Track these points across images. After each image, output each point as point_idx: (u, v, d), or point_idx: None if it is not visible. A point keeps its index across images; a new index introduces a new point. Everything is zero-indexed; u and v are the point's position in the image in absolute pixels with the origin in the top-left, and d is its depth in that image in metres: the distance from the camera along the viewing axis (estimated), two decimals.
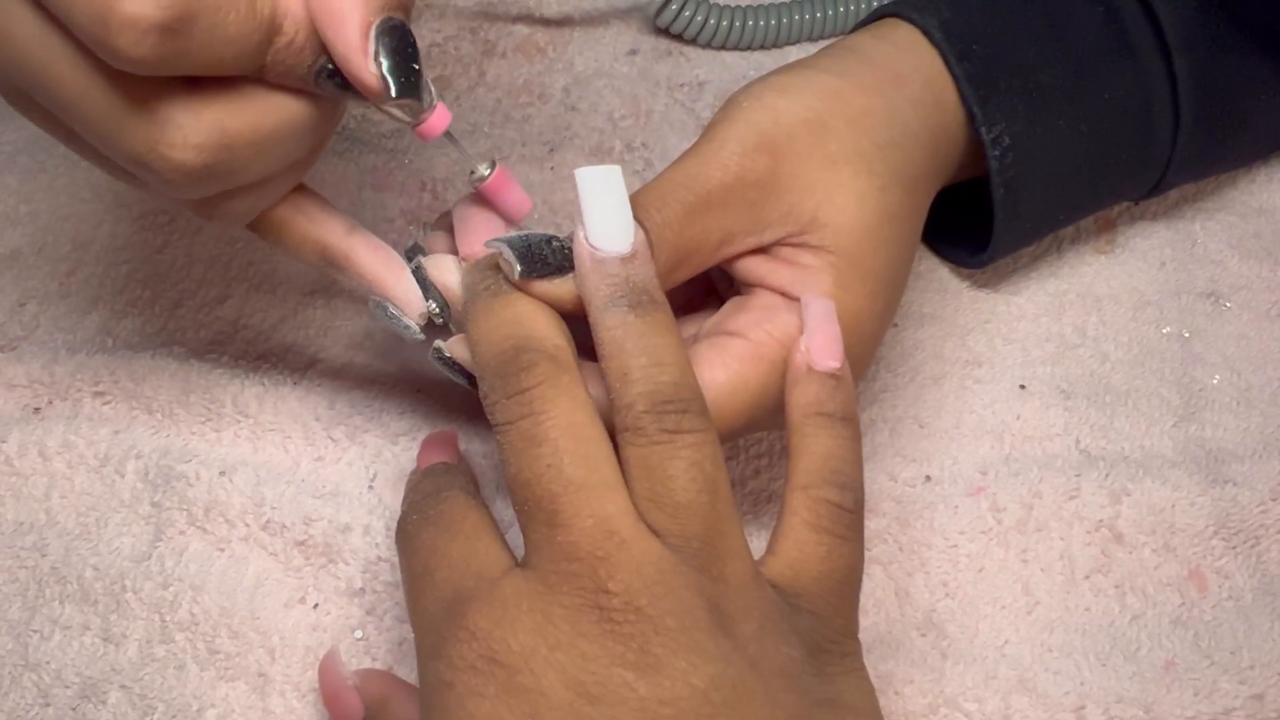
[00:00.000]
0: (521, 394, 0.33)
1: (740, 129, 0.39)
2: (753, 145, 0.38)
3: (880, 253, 0.39)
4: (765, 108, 0.40)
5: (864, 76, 0.41)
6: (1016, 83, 0.43)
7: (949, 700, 0.41)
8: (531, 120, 0.55)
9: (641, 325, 0.34)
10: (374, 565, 0.43)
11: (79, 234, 0.52)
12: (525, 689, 0.30)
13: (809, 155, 0.39)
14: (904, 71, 0.42)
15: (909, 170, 0.41)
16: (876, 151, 0.40)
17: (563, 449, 0.33)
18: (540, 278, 0.36)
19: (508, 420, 0.34)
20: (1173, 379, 0.48)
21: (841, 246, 0.39)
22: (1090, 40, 0.45)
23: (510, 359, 0.34)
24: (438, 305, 0.39)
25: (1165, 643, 0.42)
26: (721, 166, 0.38)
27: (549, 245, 0.36)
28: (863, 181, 0.39)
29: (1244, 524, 0.44)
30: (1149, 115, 0.45)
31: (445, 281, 0.39)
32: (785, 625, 0.32)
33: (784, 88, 0.41)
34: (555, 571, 0.31)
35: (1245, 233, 0.52)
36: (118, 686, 0.41)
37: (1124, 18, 0.45)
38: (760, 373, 0.37)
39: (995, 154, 0.43)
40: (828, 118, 0.40)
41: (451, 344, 0.38)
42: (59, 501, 0.44)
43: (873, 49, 0.43)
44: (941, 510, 0.45)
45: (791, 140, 0.39)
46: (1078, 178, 0.46)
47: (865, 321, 0.39)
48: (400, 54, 0.33)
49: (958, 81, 0.43)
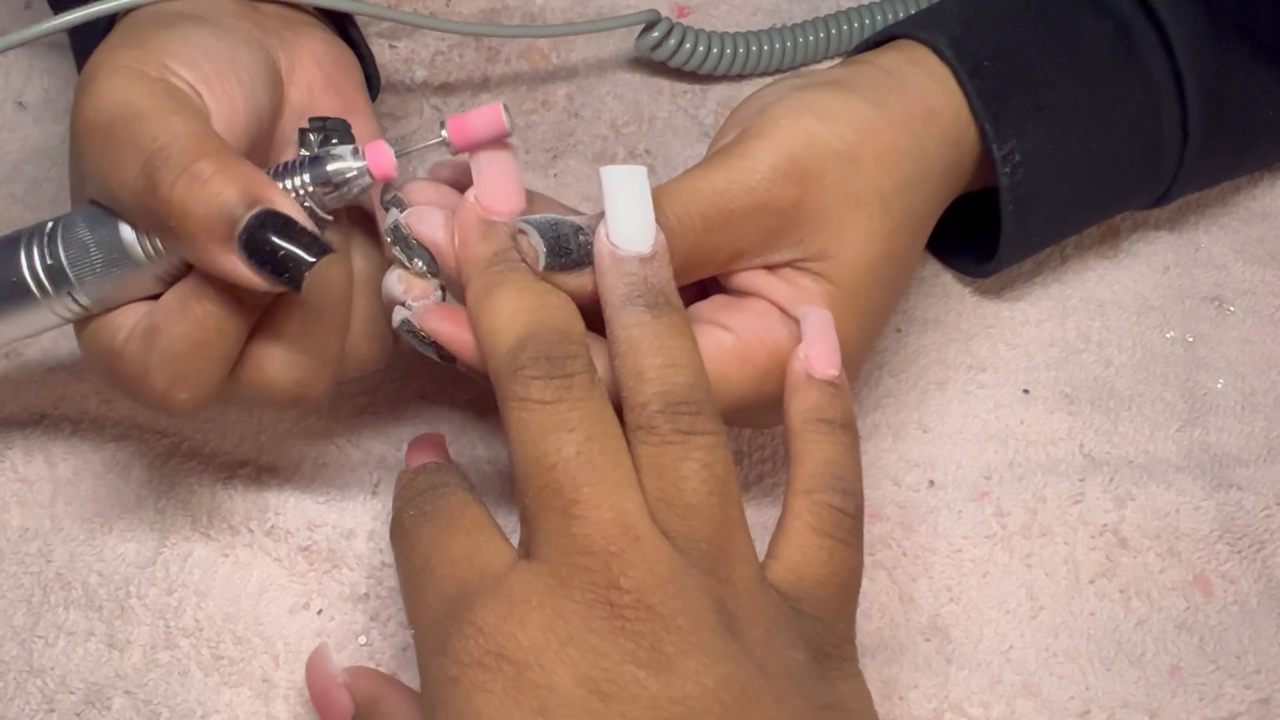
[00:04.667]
0: (566, 378, 0.33)
1: (774, 153, 0.38)
2: (783, 173, 0.38)
3: (875, 290, 0.40)
4: (803, 131, 0.39)
5: (897, 109, 0.41)
6: (1028, 100, 0.43)
7: (954, 705, 0.41)
8: (535, 127, 0.55)
9: (658, 326, 0.34)
10: (378, 571, 0.43)
11: None
12: (534, 685, 0.30)
13: (835, 190, 0.39)
14: (935, 106, 0.42)
15: (921, 212, 0.41)
16: (897, 193, 0.40)
17: (594, 438, 0.32)
18: (563, 270, 0.36)
19: (543, 399, 0.33)
20: (1177, 384, 0.48)
21: (841, 279, 0.39)
22: (1100, 56, 0.45)
23: (560, 342, 0.34)
24: (423, 262, 0.37)
25: (1170, 647, 0.42)
26: (749, 190, 0.38)
27: (576, 238, 0.36)
28: (876, 223, 0.39)
29: (1249, 528, 0.44)
30: (1158, 130, 0.45)
31: (434, 238, 0.37)
32: (790, 629, 0.32)
33: (823, 113, 0.40)
34: (566, 565, 0.31)
35: (1249, 237, 0.52)
36: (122, 692, 0.41)
37: (1133, 33, 0.45)
38: (742, 375, 0.38)
39: (1006, 171, 0.43)
40: (859, 152, 0.39)
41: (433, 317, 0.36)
42: (64, 508, 0.44)
43: (909, 76, 0.43)
44: (945, 515, 0.45)
45: (822, 172, 0.39)
46: (1086, 191, 0.46)
47: (850, 351, 0.39)
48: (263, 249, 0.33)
49: (969, 99, 0.43)
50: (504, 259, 0.36)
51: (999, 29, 0.44)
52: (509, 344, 0.34)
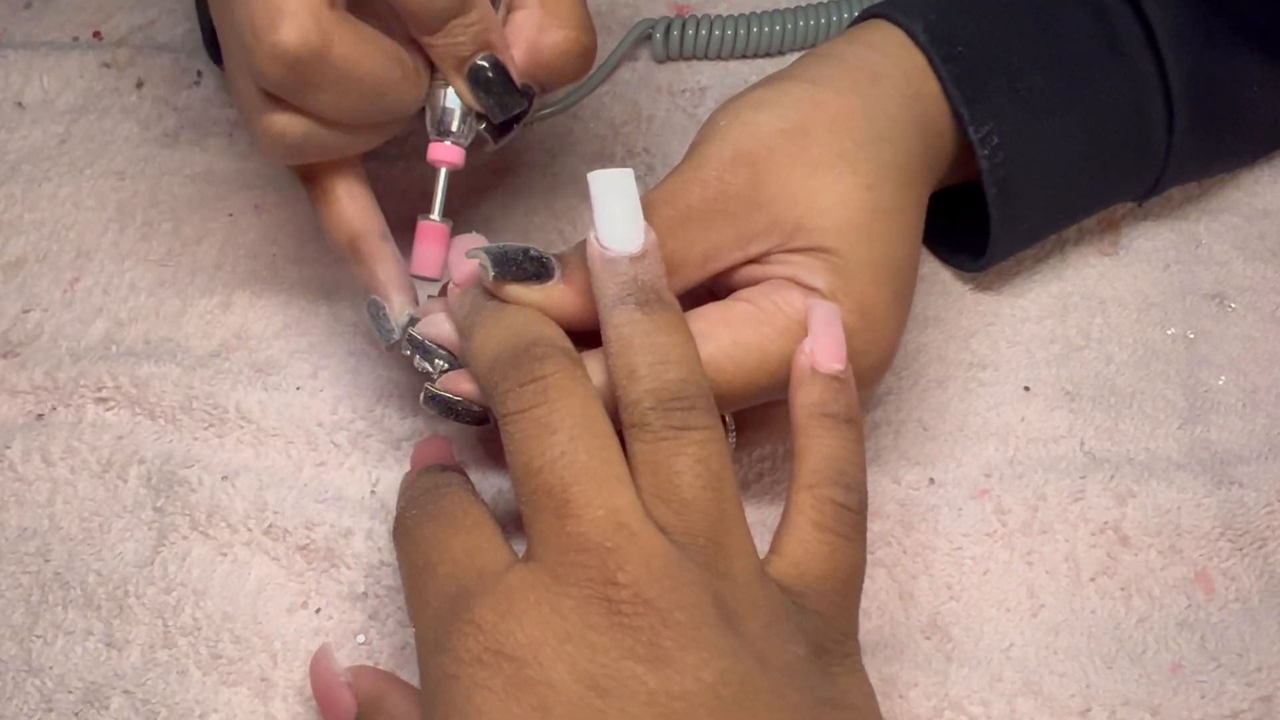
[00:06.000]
0: (535, 381, 0.34)
1: (718, 146, 0.40)
2: (730, 159, 0.39)
3: (875, 246, 0.39)
4: (743, 124, 0.40)
5: (839, 80, 0.42)
6: (1004, 83, 0.43)
7: (954, 704, 0.40)
8: (533, 128, 0.55)
9: (649, 323, 0.35)
10: (376, 570, 0.43)
11: (82, 242, 0.52)
12: (533, 681, 0.30)
13: (790, 164, 0.39)
14: (880, 69, 0.42)
15: (898, 163, 0.41)
16: (859, 150, 0.40)
17: (577, 437, 0.33)
18: (514, 281, 0.37)
19: (520, 408, 0.34)
20: (1178, 381, 0.48)
21: (833, 244, 0.39)
22: (1080, 39, 0.45)
23: (523, 351, 0.35)
24: (444, 360, 0.39)
25: (1172, 645, 0.42)
26: (701, 183, 0.39)
27: (525, 254, 0.38)
28: (846, 182, 0.39)
29: (1250, 525, 0.44)
30: (1143, 114, 0.45)
31: (440, 332, 0.39)
32: (791, 624, 0.32)
33: (759, 103, 0.41)
34: (563, 562, 0.31)
35: (1250, 234, 0.52)
36: (120, 692, 0.41)
37: (1113, 16, 0.45)
38: (763, 337, 0.38)
39: (985, 153, 0.43)
40: (807, 124, 0.40)
41: (446, 379, 0.39)
42: (62, 507, 0.44)
43: (845, 51, 0.43)
44: (946, 513, 0.45)
45: (770, 152, 0.39)
46: (1072, 177, 0.46)
47: (872, 309, 0.39)
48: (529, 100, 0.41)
49: (943, 83, 0.43)
50: (475, 305, 0.38)
51: (975, 14, 0.44)
52: (486, 365, 0.35)
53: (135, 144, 0.55)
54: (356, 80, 0.37)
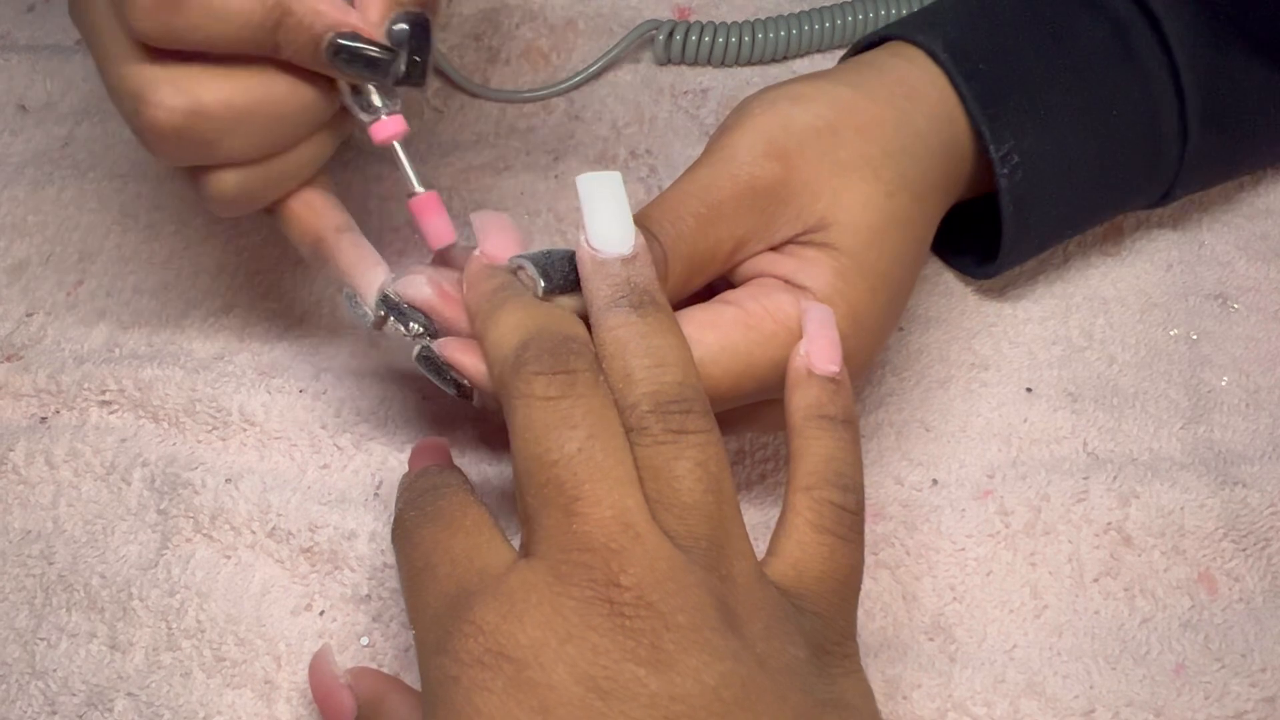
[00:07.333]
0: (568, 373, 0.33)
1: (750, 137, 0.40)
2: (762, 153, 0.39)
3: (883, 254, 0.40)
4: (777, 114, 0.40)
5: (877, 89, 0.42)
6: (1024, 100, 0.44)
7: (957, 704, 0.40)
8: (536, 130, 0.55)
9: (643, 325, 0.35)
10: (380, 572, 0.43)
11: (86, 245, 0.52)
12: (534, 683, 0.30)
13: (818, 161, 0.39)
14: (919, 86, 0.43)
15: (919, 178, 0.41)
16: (885, 159, 0.40)
17: (596, 435, 0.33)
18: (561, 293, 0.37)
19: (545, 395, 0.33)
20: (1181, 381, 0.48)
21: (844, 244, 0.39)
22: (1097, 55, 0.45)
23: (562, 341, 0.34)
24: (419, 325, 0.39)
25: (1175, 646, 0.42)
26: (732, 177, 0.39)
27: (570, 263, 0.37)
28: (869, 186, 0.40)
29: (1254, 526, 0.44)
30: (1157, 128, 0.45)
31: (418, 294, 0.39)
32: (791, 625, 0.32)
33: (797, 96, 0.41)
34: (566, 561, 0.31)
35: (1252, 234, 0.52)
36: (124, 694, 0.41)
37: (1129, 32, 0.45)
38: (750, 342, 0.38)
39: (1004, 172, 0.43)
40: (838, 125, 0.40)
41: (447, 344, 0.38)
42: (66, 510, 0.44)
43: (887, 64, 0.44)
44: (949, 514, 0.45)
45: (801, 147, 0.39)
46: (1086, 190, 0.46)
47: (864, 317, 0.39)
48: (417, 39, 0.37)
49: (965, 101, 0.43)
50: (507, 287, 0.37)
51: (994, 31, 0.44)
52: (513, 346, 0.35)
53: (138, 147, 0.55)
54: (246, 114, 0.36)
